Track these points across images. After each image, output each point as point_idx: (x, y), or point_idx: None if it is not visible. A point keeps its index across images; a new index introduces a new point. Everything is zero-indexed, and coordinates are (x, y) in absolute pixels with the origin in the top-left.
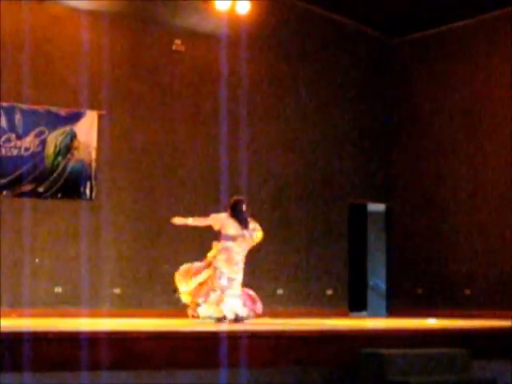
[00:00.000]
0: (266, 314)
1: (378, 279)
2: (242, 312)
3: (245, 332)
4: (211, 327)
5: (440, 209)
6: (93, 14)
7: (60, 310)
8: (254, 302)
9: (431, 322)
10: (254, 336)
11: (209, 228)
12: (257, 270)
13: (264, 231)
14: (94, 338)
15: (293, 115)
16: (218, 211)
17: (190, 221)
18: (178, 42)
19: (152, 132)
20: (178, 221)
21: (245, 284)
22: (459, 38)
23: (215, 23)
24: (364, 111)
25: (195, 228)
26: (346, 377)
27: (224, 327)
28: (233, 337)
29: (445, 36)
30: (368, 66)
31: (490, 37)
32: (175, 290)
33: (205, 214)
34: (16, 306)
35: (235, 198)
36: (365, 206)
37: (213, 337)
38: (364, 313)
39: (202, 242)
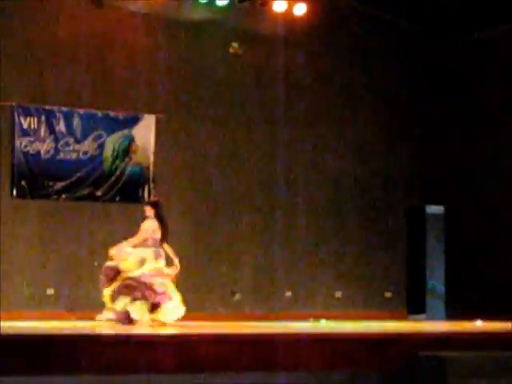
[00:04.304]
0: (324, 316)
1: (436, 282)
2: None
3: (304, 335)
4: (271, 330)
5: (500, 211)
6: (150, 18)
7: None
8: None
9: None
10: (313, 339)
11: (271, 229)
12: (315, 273)
13: (322, 233)
14: (155, 341)
15: (349, 118)
16: (274, 212)
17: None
18: (235, 44)
19: (209, 134)
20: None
21: (303, 286)
22: None
23: (272, 25)
24: (422, 112)
25: (255, 229)
26: (405, 380)
27: (285, 330)
28: (292, 340)
29: (504, 38)
30: (427, 68)
31: None
32: (234, 293)
33: (261, 213)
34: (75, 308)
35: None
36: (423, 208)
37: (272, 339)
38: (423, 316)
39: (261, 243)
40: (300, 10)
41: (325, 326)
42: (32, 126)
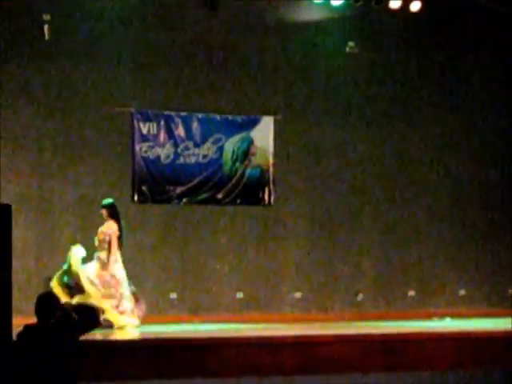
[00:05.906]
0: (447, 314)
1: None
2: None
3: (430, 334)
4: (396, 330)
5: None
6: (265, 20)
7: (241, 315)
8: None
9: None
10: (440, 338)
11: (391, 228)
12: (438, 271)
13: (444, 232)
14: (278, 343)
15: (470, 115)
16: (395, 210)
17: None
18: (351, 44)
19: (327, 135)
20: None
21: (426, 285)
22: None
23: (388, 23)
24: None
25: (376, 228)
26: None
27: (411, 329)
28: (419, 339)
29: None
30: None
31: None
32: (357, 293)
33: (382, 212)
34: (198, 312)
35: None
36: None
37: (397, 340)
38: None
39: (382, 242)
40: (416, 6)
41: (450, 324)
42: (151, 131)
